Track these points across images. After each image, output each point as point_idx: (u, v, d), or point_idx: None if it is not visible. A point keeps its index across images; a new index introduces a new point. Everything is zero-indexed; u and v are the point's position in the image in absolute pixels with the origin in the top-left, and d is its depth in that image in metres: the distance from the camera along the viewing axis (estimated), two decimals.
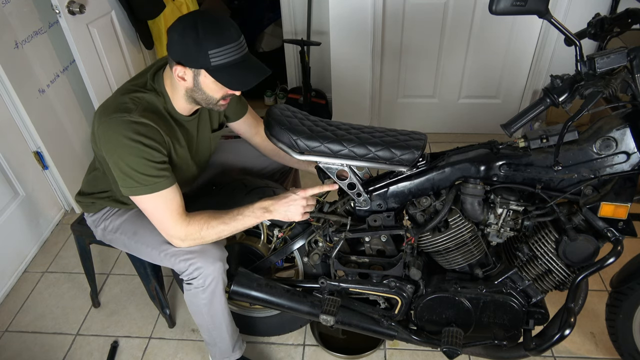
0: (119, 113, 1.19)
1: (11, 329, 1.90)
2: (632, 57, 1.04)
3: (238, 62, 1.18)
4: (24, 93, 2.06)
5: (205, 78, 1.20)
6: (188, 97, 1.27)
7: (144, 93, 1.27)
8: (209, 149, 1.51)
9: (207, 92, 1.23)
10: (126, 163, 1.19)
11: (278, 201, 1.33)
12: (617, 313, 1.42)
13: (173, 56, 1.19)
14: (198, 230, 1.29)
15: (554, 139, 1.18)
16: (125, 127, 1.18)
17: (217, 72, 1.17)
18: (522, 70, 2.73)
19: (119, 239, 1.48)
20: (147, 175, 1.21)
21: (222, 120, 1.53)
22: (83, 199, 1.50)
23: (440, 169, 1.29)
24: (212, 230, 1.30)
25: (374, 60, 2.71)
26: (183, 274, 1.36)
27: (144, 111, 1.22)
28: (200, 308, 1.42)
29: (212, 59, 1.14)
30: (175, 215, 1.27)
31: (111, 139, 1.19)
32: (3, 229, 2.07)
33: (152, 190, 1.23)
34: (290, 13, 2.99)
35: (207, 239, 1.32)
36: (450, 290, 1.37)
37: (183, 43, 1.14)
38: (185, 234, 1.29)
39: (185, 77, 1.20)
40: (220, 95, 1.25)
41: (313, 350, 1.76)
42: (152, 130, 1.21)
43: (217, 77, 1.18)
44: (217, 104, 1.28)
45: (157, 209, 1.27)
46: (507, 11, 0.99)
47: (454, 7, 2.53)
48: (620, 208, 1.17)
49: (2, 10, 1.95)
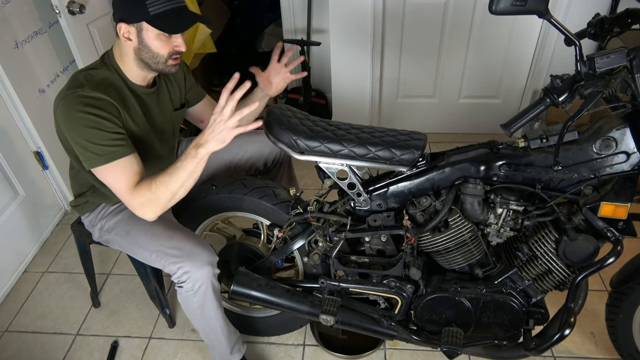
0: (71, 89, 1.24)
1: (11, 329, 1.90)
2: (632, 57, 1.04)
3: (175, 10, 1.25)
4: (24, 93, 2.06)
5: (147, 32, 1.25)
6: (138, 60, 1.31)
7: (96, 69, 1.32)
8: (171, 126, 1.53)
9: (152, 48, 1.28)
10: (81, 136, 1.23)
11: (204, 132, 1.25)
12: (617, 313, 1.42)
13: (116, 15, 1.26)
14: (148, 189, 1.26)
15: (554, 139, 1.18)
16: (77, 101, 1.22)
17: (156, 20, 1.23)
18: (522, 70, 2.73)
19: (114, 239, 1.49)
20: (102, 145, 1.23)
21: (183, 101, 1.58)
22: (77, 202, 1.52)
23: (440, 169, 1.29)
24: (161, 185, 1.25)
25: (374, 60, 2.71)
26: (173, 277, 1.36)
27: (97, 85, 1.27)
28: (193, 311, 1.42)
29: (149, 8, 1.21)
30: (131, 183, 1.27)
31: (65, 114, 1.23)
32: (3, 229, 2.07)
33: (108, 159, 1.24)
34: (290, 13, 2.99)
35: (161, 198, 1.27)
36: (450, 290, 1.37)
37: (123, 0, 1.23)
38: (139, 197, 1.26)
39: (130, 36, 1.26)
40: (167, 51, 1.29)
41: (313, 350, 1.76)
42: (104, 103, 1.25)
43: (156, 25, 1.24)
44: (166, 64, 1.31)
45: (116, 180, 1.27)
46: (507, 11, 0.99)
47: (454, 7, 2.53)
48: (620, 208, 1.17)
49: (2, 10, 1.95)
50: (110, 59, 1.34)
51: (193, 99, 1.61)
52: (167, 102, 1.50)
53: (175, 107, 1.54)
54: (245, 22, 3.60)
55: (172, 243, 1.37)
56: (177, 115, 1.55)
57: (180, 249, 1.35)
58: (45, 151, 2.21)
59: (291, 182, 1.90)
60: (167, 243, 1.37)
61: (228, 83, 1.22)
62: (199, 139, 1.26)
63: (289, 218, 1.47)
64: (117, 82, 1.33)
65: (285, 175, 1.85)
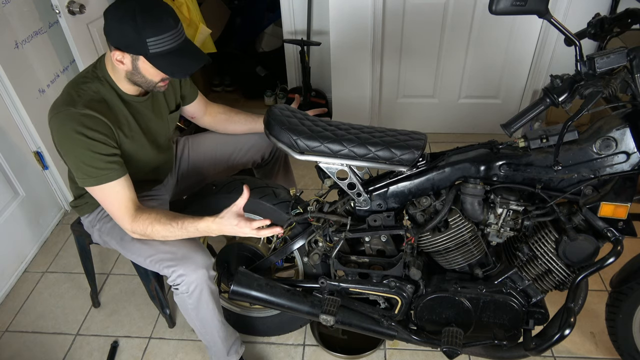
0: (64, 106, 1.23)
1: (11, 329, 1.90)
2: (632, 57, 1.04)
3: (176, 49, 1.21)
4: (24, 93, 2.06)
5: (143, 63, 1.22)
6: (128, 79, 1.29)
7: (89, 83, 1.29)
8: (166, 130, 1.53)
9: (146, 75, 1.26)
10: (74, 155, 1.23)
11: (219, 227, 1.28)
12: (617, 313, 1.42)
13: (111, 42, 1.21)
14: (144, 229, 1.31)
15: (554, 139, 1.18)
16: (70, 119, 1.21)
17: (155, 59, 1.20)
18: (522, 70, 2.73)
19: (111, 241, 1.49)
20: (94, 167, 1.24)
21: (178, 102, 1.57)
22: (77, 203, 1.52)
23: (440, 169, 1.29)
24: (157, 232, 1.31)
25: (374, 60, 2.71)
26: (168, 280, 1.37)
27: (90, 102, 1.25)
28: (189, 312, 1.43)
29: (150, 46, 1.17)
30: (123, 208, 1.29)
31: (59, 132, 1.23)
32: (3, 229, 2.07)
33: (99, 182, 1.25)
34: (290, 13, 2.99)
35: (153, 237, 1.34)
36: (450, 290, 1.37)
37: (121, 30, 1.16)
38: (132, 228, 1.31)
39: (124, 61, 1.23)
40: (159, 78, 1.28)
41: (313, 350, 1.76)
42: (97, 122, 1.23)
43: (156, 64, 1.21)
44: (156, 86, 1.30)
45: (106, 200, 1.30)
46: (507, 11, 0.99)
47: (454, 7, 2.53)
48: (620, 208, 1.17)
49: (2, 10, 1.95)
50: (102, 70, 1.31)
51: (187, 99, 1.61)
52: (163, 106, 1.49)
53: (171, 109, 1.53)
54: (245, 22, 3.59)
55: (166, 247, 1.37)
56: (173, 118, 1.55)
57: (174, 252, 1.35)
58: (45, 151, 2.21)
59: (288, 174, 1.90)
60: (161, 247, 1.37)
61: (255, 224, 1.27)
62: (214, 230, 1.29)
63: (289, 218, 1.47)
64: (109, 94, 1.31)
65: (282, 169, 1.86)
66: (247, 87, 3.60)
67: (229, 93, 3.70)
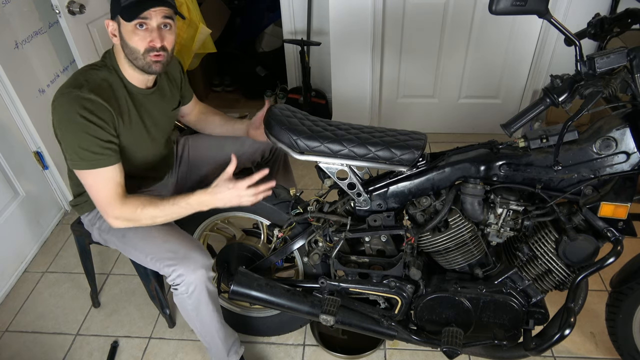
0: (70, 88, 1.25)
1: (11, 329, 1.90)
2: (632, 57, 1.04)
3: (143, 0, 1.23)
4: (24, 93, 2.06)
5: (125, 26, 1.25)
6: (127, 60, 1.31)
7: (97, 70, 1.32)
8: (166, 126, 1.54)
9: (130, 43, 1.26)
10: (71, 137, 1.24)
11: (213, 196, 1.30)
12: (617, 313, 1.42)
13: None
14: (132, 212, 1.30)
15: (554, 139, 1.18)
16: (73, 101, 1.22)
17: (125, 11, 1.22)
18: (522, 70, 2.73)
19: (111, 239, 1.49)
20: (89, 151, 1.24)
21: (179, 100, 1.59)
22: (76, 201, 1.52)
23: (440, 169, 1.29)
24: (146, 213, 1.30)
25: (374, 60, 2.71)
26: (168, 279, 1.37)
27: (96, 88, 1.27)
28: (188, 313, 1.43)
29: (122, 2, 1.22)
30: (113, 194, 1.29)
31: (60, 112, 1.25)
32: (3, 229, 2.07)
33: (92, 166, 1.26)
34: (290, 13, 2.99)
35: (142, 221, 1.33)
36: (450, 290, 1.37)
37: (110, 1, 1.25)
38: (119, 213, 1.30)
39: (114, 31, 1.28)
40: (143, 47, 1.27)
41: (313, 350, 1.76)
42: (99, 108, 1.25)
43: (124, 15, 1.23)
44: (145, 59, 1.29)
45: (95, 186, 1.29)
46: (507, 11, 0.99)
47: (454, 7, 2.53)
48: (620, 208, 1.17)
49: (2, 10, 1.95)
50: (111, 59, 1.35)
51: (186, 98, 1.63)
52: (168, 102, 1.51)
53: (174, 106, 1.55)
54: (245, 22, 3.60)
55: (167, 246, 1.37)
56: (174, 114, 1.58)
57: (175, 252, 1.36)
58: (45, 151, 2.21)
59: (288, 174, 1.91)
60: (162, 246, 1.37)
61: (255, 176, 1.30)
62: (206, 200, 1.29)
63: (289, 218, 1.47)
64: (116, 83, 1.33)
65: (282, 169, 1.86)
66: (247, 87, 3.60)
67: (229, 93, 3.70)
